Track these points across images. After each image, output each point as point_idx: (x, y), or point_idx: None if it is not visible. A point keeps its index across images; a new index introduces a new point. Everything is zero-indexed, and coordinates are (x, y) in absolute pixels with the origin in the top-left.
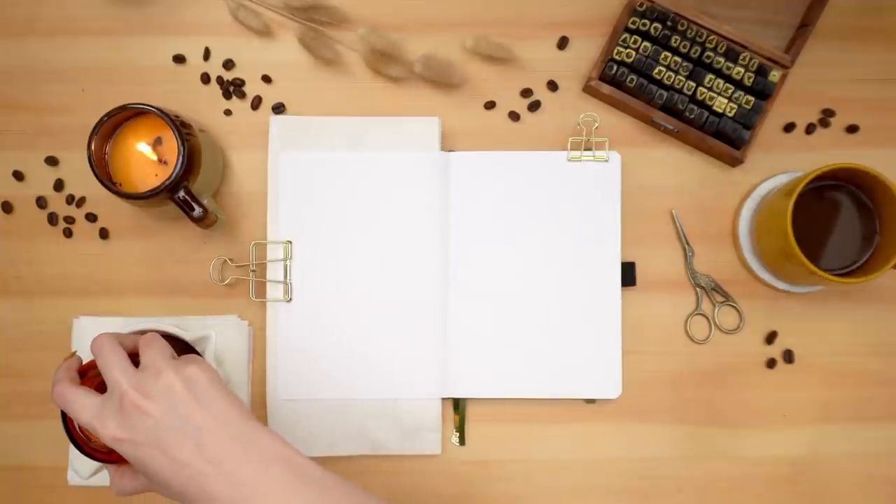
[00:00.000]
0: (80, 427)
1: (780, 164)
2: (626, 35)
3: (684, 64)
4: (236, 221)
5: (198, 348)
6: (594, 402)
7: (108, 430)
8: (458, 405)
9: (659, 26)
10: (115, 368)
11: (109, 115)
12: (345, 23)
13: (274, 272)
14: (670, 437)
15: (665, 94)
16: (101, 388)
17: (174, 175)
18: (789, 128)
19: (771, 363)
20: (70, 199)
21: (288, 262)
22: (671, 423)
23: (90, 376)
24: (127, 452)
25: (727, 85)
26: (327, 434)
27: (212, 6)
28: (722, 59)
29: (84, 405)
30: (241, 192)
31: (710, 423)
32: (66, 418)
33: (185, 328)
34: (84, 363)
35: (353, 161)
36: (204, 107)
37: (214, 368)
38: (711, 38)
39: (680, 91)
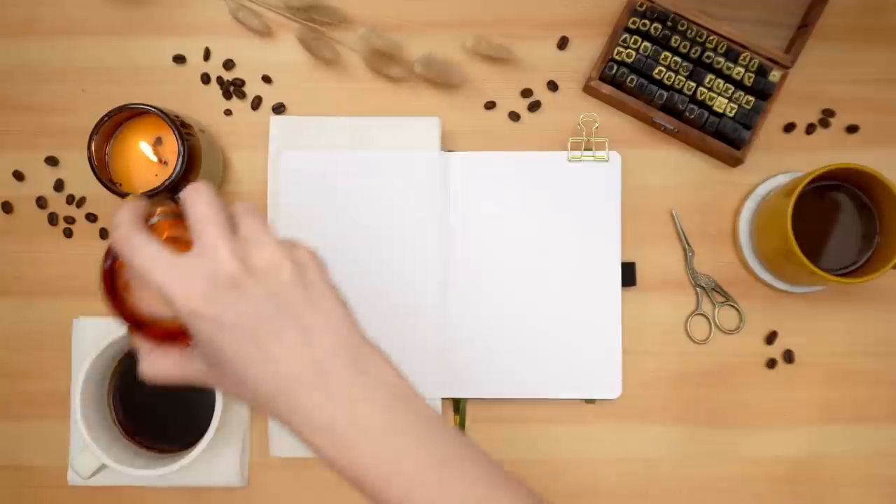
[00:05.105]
0: (123, 289)
1: (780, 164)
2: (626, 35)
3: (684, 64)
4: None
5: None
6: (594, 402)
7: (187, 300)
8: (458, 405)
9: (659, 26)
10: (213, 227)
11: (109, 115)
12: (345, 23)
13: None
14: (670, 437)
15: (665, 94)
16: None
17: (174, 175)
18: (789, 128)
19: (771, 363)
20: (70, 199)
21: None
22: (671, 423)
23: (153, 230)
24: (203, 333)
25: (727, 85)
26: None
27: (212, 6)
28: (722, 59)
29: (158, 261)
30: (241, 192)
31: (710, 423)
32: (106, 276)
33: None
34: (148, 212)
35: (353, 161)
36: (204, 107)
37: (322, 258)
38: (711, 38)
39: (680, 91)
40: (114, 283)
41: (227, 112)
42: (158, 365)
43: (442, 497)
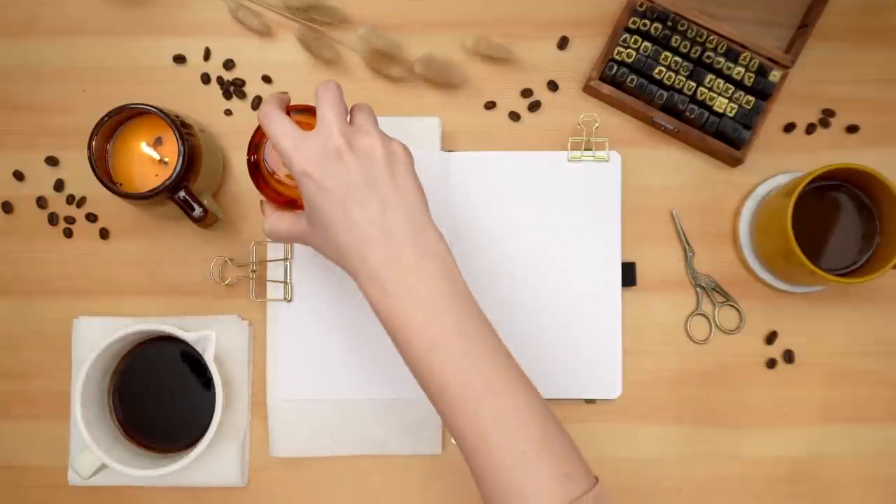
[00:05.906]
0: (264, 165)
1: (780, 164)
2: (626, 35)
3: (684, 64)
4: (236, 221)
5: (198, 348)
6: (594, 402)
7: (302, 162)
8: None
9: (659, 26)
10: (332, 113)
11: (110, 115)
12: (345, 23)
13: (274, 272)
14: (670, 437)
15: (665, 94)
16: None
17: (174, 175)
18: (789, 128)
19: (771, 363)
20: (70, 199)
21: (288, 261)
22: (671, 423)
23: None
24: (308, 191)
25: (727, 85)
26: (328, 434)
27: (212, 6)
28: (722, 59)
29: (287, 131)
30: (241, 192)
31: (710, 423)
32: (250, 165)
33: (185, 328)
34: (290, 105)
35: None
36: (204, 107)
37: (413, 156)
38: (711, 38)
39: (680, 91)
40: (255, 167)
41: (228, 112)
42: (276, 223)
43: (459, 362)
